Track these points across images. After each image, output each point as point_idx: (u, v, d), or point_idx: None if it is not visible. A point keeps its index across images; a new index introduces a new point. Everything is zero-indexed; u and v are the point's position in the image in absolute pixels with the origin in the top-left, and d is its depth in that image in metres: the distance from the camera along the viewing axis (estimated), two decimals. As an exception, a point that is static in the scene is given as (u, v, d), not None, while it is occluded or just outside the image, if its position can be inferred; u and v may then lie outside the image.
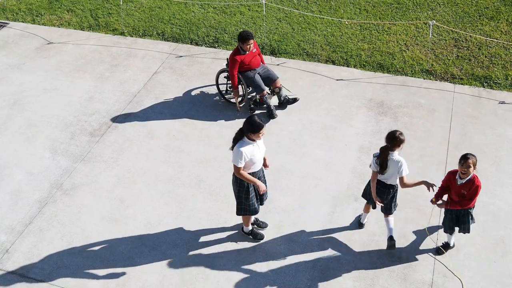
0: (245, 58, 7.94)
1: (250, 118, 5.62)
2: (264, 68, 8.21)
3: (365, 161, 7.36)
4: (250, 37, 7.79)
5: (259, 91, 8.04)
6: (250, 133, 5.62)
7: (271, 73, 8.18)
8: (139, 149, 7.75)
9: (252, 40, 7.84)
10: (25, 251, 6.46)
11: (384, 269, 6.10)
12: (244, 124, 5.65)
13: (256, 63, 8.10)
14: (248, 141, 5.69)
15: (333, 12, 10.27)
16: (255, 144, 5.73)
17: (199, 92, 8.74)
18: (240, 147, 5.65)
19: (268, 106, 8.11)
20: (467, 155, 5.55)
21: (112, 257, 6.35)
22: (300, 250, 6.35)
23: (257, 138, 5.68)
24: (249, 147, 5.67)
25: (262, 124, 5.60)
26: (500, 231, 6.42)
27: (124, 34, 10.13)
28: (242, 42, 7.83)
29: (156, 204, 6.96)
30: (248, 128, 5.60)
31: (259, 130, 5.59)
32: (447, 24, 9.73)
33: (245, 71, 8.07)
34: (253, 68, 8.07)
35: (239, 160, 5.65)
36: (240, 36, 7.82)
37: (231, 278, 6.09)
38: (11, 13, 10.86)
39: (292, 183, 7.14)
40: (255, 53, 8.09)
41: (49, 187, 7.24)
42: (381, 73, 8.93)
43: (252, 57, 8.03)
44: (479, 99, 8.29)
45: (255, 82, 8.03)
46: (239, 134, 5.73)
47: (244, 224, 6.40)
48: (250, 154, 5.68)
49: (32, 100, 8.71)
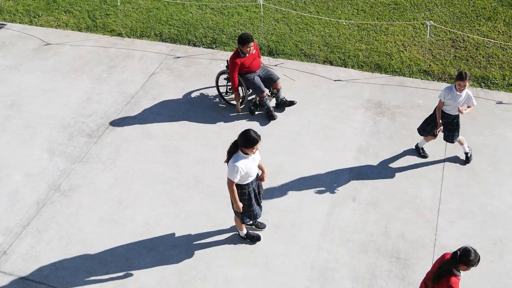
0: (245, 61, 7.88)
1: (246, 133, 5.53)
2: (264, 70, 8.17)
3: (363, 162, 7.37)
4: (250, 40, 7.71)
5: (259, 93, 8.01)
6: (244, 148, 5.57)
7: (272, 74, 8.16)
8: (137, 150, 7.74)
9: (252, 43, 7.76)
10: (22, 252, 6.45)
11: (383, 269, 6.10)
12: (239, 138, 5.58)
13: (256, 65, 8.05)
14: (242, 155, 5.64)
15: (330, 12, 10.27)
16: (249, 158, 5.68)
17: (197, 93, 8.74)
18: (236, 162, 5.60)
19: (268, 108, 8.11)
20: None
21: (110, 258, 6.35)
22: (299, 250, 6.34)
23: (251, 153, 5.63)
24: (244, 161, 5.63)
25: (257, 139, 5.53)
26: (498, 231, 6.43)
27: (121, 35, 10.12)
28: (242, 44, 7.75)
29: (154, 205, 6.95)
30: (243, 143, 5.54)
31: (253, 145, 5.53)
32: (445, 24, 9.75)
33: (245, 73, 8.01)
34: (253, 70, 8.03)
35: (234, 175, 5.63)
36: (240, 38, 7.73)
37: (229, 279, 6.09)
38: (9, 14, 10.85)
39: (290, 183, 7.14)
40: (255, 55, 8.02)
41: (47, 188, 7.23)
42: (378, 73, 8.94)
43: (253, 59, 7.97)
44: (476, 100, 8.28)
45: (255, 84, 7.99)
46: (234, 147, 5.67)
47: (238, 228, 6.40)
48: (246, 168, 5.66)
49: (30, 101, 8.70)
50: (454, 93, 6.70)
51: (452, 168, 7.22)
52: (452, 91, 6.71)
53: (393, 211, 6.72)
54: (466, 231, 6.44)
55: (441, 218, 6.59)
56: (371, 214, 6.69)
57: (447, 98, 6.76)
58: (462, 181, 7.04)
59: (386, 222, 6.59)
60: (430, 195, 6.89)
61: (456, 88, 6.66)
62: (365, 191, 6.98)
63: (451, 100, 6.75)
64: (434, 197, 6.85)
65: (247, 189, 5.90)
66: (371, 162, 7.36)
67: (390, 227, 6.53)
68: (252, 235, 6.44)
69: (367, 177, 7.17)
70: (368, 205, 6.81)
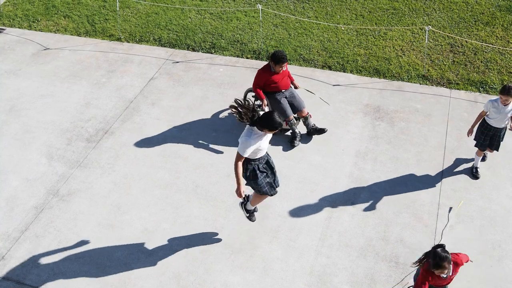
0: (274, 77, 7.43)
1: (271, 115, 5.41)
2: (291, 93, 7.67)
3: (362, 166, 7.37)
4: (284, 60, 7.29)
5: (285, 117, 7.52)
6: (265, 129, 5.49)
7: (297, 100, 7.63)
8: (136, 155, 7.74)
9: (286, 63, 7.37)
10: (21, 257, 6.43)
11: (382, 274, 6.09)
12: (262, 119, 5.44)
13: (285, 84, 7.56)
14: (258, 131, 5.55)
15: (329, 17, 10.30)
16: (263, 134, 5.63)
17: (196, 98, 8.74)
18: (250, 138, 5.50)
19: (294, 132, 7.67)
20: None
21: (109, 264, 6.33)
22: (297, 255, 6.34)
23: (269, 133, 5.59)
24: (258, 138, 5.55)
25: (281, 123, 5.47)
26: (497, 236, 6.43)
27: (120, 40, 10.14)
28: (275, 63, 7.31)
29: (152, 210, 6.94)
30: (266, 124, 5.43)
31: (276, 129, 5.48)
32: (443, 29, 9.77)
33: (271, 92, 7.55)
34: (281, 89, 7.55)
35: (245, 150, 5.53)
36: (274, 56, 7.28)
37: (228, 284, 6.08)
38: (8, 19, 10.86)
39: (289, 188, 7.13)
40: (286, 72, 7.58)
41: (45, 193, 7.22)
42: (377, 78, 8.96)
43: (282, 77, 7.52)
44: (475, 104, 8.31)
45: (281, 107, 7.51)
46: (251, 119, 5.47)
47: (251, 202, 6.26)
48: (258, 144, 5.59)
49: (28, 106, 8.69)
50: (500, 106, 6.52)
51: (451, 173, 7.22)
52: (497, 104, 6.53)
53: (392, 215, 6.72)
54: (464, 236, 6.44)
55: (440, 223, 6.59)
56: (370, 219, 6.68)
57: (491, 110, 6.59)
58: (460, 186, 7.04)
59: (385, 226, 6.59)
60: (428, 199, 6.89)
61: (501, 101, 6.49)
62: (363, 196, 6.98)
63: (496, 113, 6.57)
64: (433, 201, 6.85)
65: (252, 164, 5.83)
66: (369, 167, 7.36)
67: (389, 232, 6.53)
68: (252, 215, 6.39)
69: (366, 182, 7.17)
70: (367, 209, 6.81)
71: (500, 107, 6.52)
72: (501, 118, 6.59)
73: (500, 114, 6.56)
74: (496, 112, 6.57)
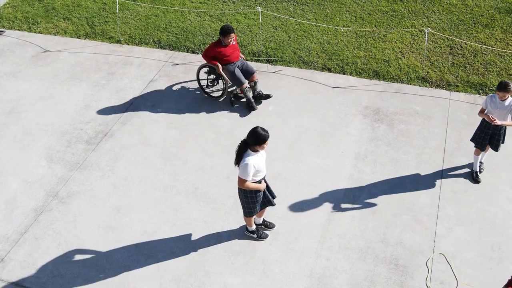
0: (225, 50, 8.24)
1: (255, 131, 5.63)
2: (242, 63, 8.49)
3: (361, 168, 7.37)
4: (231, 31, 8.11)
5: (239, 85, 8.30)
6: (255, 145, 5.66)
7: (249, 67, 8.47)
8: (135, 157, 7.74)
9: (233, 34, 8.16)
10: (20, 260, 6.43)
11: (381, 276, 6.09)
12: (248, 137, 5.66)
13: (236, 56, 8.38)
14: (252, 152, 5.70)
15: (329, 20, 10.31)
16: (259, 154, 5.76)
17: (195, 100, 8.74)
18: (248, 161, 5.65)
19: (248, 99, 8.39)
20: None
21: (108, 266, 6.33)
22: (297, 257, 6.33)
23: (261, 149, 5.74)
24: (255, 158, 5.69)
25: (267, 135, 5.64)
26: (496, 238, 6.43)
27: (120, 42, 10.14)
28: (224, 35, 8.13)
29: (152, 212, 6.94)
30: (254, 141, 5.63)
31: (265, 141, 5.64)
32: (442, 31, 9.78)
33: (225, 64, 8.33)
34: (233, 61, 8.34)
35: (247, 173, 5.68)
36: (222, 29, 8.13)
37: (227, 286, 6.07)
38: (7, 21, 10.86)
39: (288, 190, 7.13)
40: (235, 46, 8.37)
41: (44, 195, 7.21)
42: (377, 80, 8.96)
43: (233, 50, 8.33)
44: (474, 106, 8.31)
45: (236, 75, 8.29)
46: (243, 146, 5.72)
47: (247, 224, 6.42)
48: (257, 165, 5.72)
49: (28, 108, 8.70)
50: (497, 101, 6.58)
51: (450, 175, 7.22)
52: (495, 99, 6.59)
53: (392, 218, 6.72)
54: (464, 238, 6.44)
55: (440, 225, 6.59)
56: (369, 221, 6.68)
57: (490, 105, 6.63)
58: (460, 188, 7.04)
59: (384, 229, 6.59)
60: (428, 202, 6.89)
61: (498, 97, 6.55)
62: (363, 198, 6.98)
63: (493, 108, 6.61)
64: (433, 204, 6.85)
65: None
66: (369, 169, 7.36)
67: (388, 234, 6.53)
68: (261, 233, 6.49)
69: (365, 184, 7.17)
70: (367, 212, 6.80)
71: (498, 102, 6.59)
72: (500, 114, 6.64)
73: (498, 109, 6.62)
74: (494, 108, 6.63)
